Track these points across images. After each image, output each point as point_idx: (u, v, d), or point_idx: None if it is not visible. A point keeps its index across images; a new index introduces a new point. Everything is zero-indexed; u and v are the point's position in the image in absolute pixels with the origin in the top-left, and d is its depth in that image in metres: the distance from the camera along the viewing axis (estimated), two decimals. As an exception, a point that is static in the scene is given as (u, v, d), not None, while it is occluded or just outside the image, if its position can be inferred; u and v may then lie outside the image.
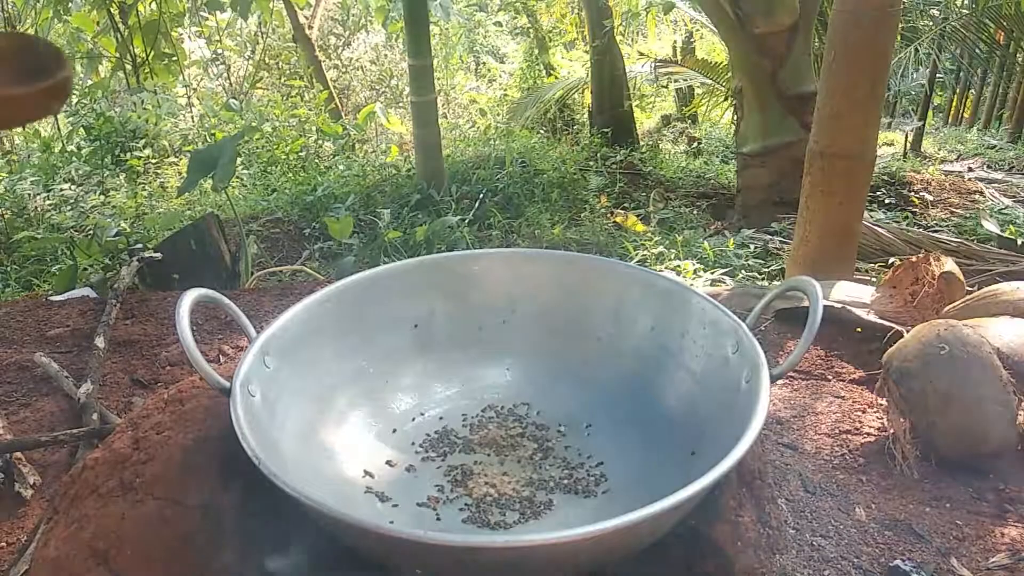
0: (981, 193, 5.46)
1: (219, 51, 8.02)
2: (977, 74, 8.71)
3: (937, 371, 1.38)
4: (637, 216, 4.97)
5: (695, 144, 7.52)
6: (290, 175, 5.55)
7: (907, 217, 4.88)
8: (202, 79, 8.52)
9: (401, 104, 8.91)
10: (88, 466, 0.95)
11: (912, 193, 5.36)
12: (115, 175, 5.45)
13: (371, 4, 7.84)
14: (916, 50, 6.83)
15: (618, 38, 7.17)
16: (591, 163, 5.99)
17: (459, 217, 4.51)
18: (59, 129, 6.16)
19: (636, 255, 3.96)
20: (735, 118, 5.41)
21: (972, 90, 9.89)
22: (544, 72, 8.90)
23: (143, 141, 5.77)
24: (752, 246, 4.16)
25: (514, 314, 1.24)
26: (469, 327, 1.24)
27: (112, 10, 5.60)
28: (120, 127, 5.66)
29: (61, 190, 4.93)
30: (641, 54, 8.17)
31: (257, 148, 5.93)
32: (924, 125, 7.49)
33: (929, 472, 1.41)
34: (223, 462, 0.91)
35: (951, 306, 1.84)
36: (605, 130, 6.69)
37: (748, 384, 0.92)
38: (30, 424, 1.71)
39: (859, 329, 1.95)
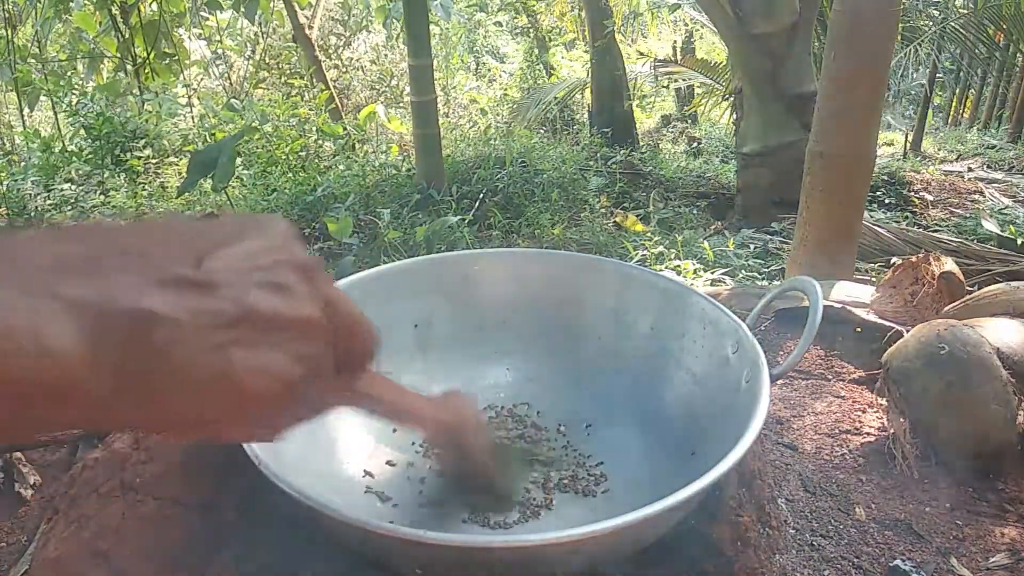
0: (981, 193, 5.46)
1: (219, 51, 8.03)
2: (977, 74, 8.72)
3: (937, 371, 1.38)
4: (637, 216, 4.97)
5: (695, 144, 7.53)
6: (290, 175, 5.54)
7: (907, 217, 4.89)
8: (202, 79, 8.53)
9: (401, 104, 8.91)
10: (88, 466, 0.95)
11: (912, 193, 5.36)
12: (115, 175, 5.45)
13: (371, 4, 7.84)
14: (916, 50, 6.84)
15: (618, 38, 7.18)
16: (591, 163, 5.99)
17: (459, 217, 4.50)
18: (59, 129, 6.16)
19: (636, 255, 3.96)
20: (735, 118, 5.41)
21: (972, 90, 9.90)
22: (544, 72, 8.91)
23: (143, 141, 5.77)
24: (752, 246, 4.16)
25: (514, 314, 1.24)
26: (469, 327, 1.24)
27: (113, 10, 5.61)
28: (120, 127, 5.66)
29: (61, 190, 4.94)
30: (641, 54, 8.18)
31: (257, 148, 5.93)
32: (924, 124, 7.49)
33: (929, 472, 1.41)
34: (223, 462, 0.91)
35: (951, 306, 1.84)
36: (605, 130, 6.70)
37: (748, 384, 0.92)
38: (30, 424, 1.71)
39: (859, 329, 1.95)
